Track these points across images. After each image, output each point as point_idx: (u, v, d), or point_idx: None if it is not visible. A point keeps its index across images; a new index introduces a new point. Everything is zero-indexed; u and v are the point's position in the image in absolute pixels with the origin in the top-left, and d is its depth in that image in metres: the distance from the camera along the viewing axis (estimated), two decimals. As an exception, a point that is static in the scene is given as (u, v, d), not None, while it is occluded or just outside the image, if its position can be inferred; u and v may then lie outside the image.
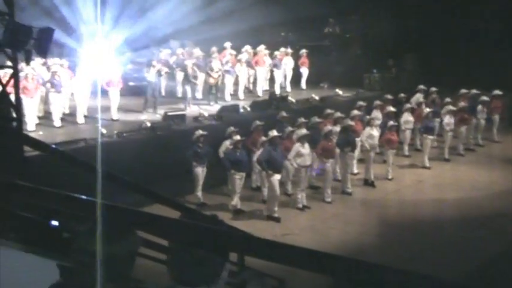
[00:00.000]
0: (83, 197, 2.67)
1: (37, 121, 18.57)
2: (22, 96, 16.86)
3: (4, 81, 12.61)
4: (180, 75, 23.73)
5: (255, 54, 25.32)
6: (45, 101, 20.17)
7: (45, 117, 19.74)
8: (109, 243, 2.51)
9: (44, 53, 12.69)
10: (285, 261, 2.28)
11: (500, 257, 13.03)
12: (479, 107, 21.95)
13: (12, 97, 13.03)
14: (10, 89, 13.08)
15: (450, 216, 16.00)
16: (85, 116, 19.64)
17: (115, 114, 19.95)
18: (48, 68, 20.14)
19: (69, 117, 19.99)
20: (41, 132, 17.57)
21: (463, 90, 22.76)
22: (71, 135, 17.25)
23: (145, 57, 24.02)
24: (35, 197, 3.38)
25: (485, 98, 22.19)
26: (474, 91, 22.69)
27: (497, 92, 22.66)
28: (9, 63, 13.36)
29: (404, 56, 29.07)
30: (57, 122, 18.82)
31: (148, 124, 17.84)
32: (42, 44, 12.17)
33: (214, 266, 2.55)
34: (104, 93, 19.79)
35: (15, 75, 12.81)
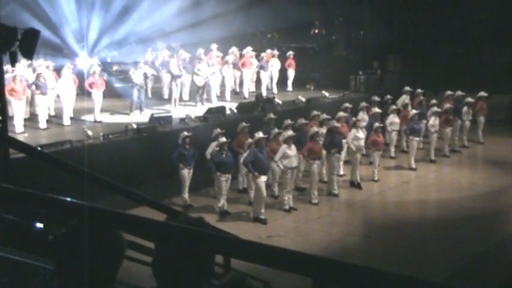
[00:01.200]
0: (68, 199, 2.67)
1: (22, 123, 18.51)
2: (10, 98, 16.83)
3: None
4: (166, 77, 23.73)
5: (241, 56, 25.36)
6: (30, 102, 20.10)
7: (31, 119, 19.68)
8: (94, 245, 2.52)
9: (29, 54, 12.59)
10: (270, 264, 2.30)
11: (482, 257, 13.13)
12: (465, 109, 22.09)
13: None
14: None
15: (434, 216, 16.11)
16: (71, 118, 19.61)
17: (98, 116, 19.93)
18: (34, 70, 20.06)
19: (54, 119, 19.94)
20: (26, 134, 17.52)
21: (448, 92, 22.92)
22: (57, 137, 17.18)
23: (131, 58, 24.03)
24: (19, 200, 3.38)
25: (470, 99, 22.33)
26: (459, 93, 22.84)
27: (482, 93, 22.84)
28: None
29: (389, 57, 29.21)
30: (42, 124, 18.76)
31: (134, 126, 17.80)
32: (27, 45, 12.10)
33: (200, 269, 2.56)
34: (88, 95, 19.84)
35: None
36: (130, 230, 2.69)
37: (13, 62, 12.90)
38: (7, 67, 16.13)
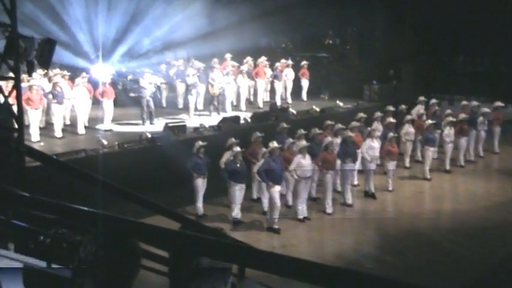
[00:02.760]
0: (84, 208, 2.69)
1: (38, 132, 18.61)
2: (27, 107, 16.95)
3: (6, 93, 12.64)
4: (180, 86, 23.82)
5: (255, 65, 25.40)
6: (46, 112, 20.25)
7: (46, 128, 19.80)
8: (110, 254, 2.52)
9: (46, 64, 12.73)
10: (285, 273, 2.30)
11: (498, 269, 13.03)
12: (480, 119, 21.96)
13: (14, 108, 13.07)
14: (12, 100, 13.13)
15: (449, 227, 16.01)
16: (85, 127, 19.74)
17: (108, 125, 20.05)
18: (50, 79, 20.21)
19: (69, 128, 20.05)
20: (42, 143, 17.63)
21: (464, 102, 22.79)
22: (72, 146, 17.28)
23: (145, 68, 24.12)
24: (34, 207, 3.41)
25: (486, 109, 22.21)
26: (475, 102, 22.72)
27: (498, 103, 22.69)
28: (11, 74, 13.41)
29: (403, 67, 29.13)
30: (58, 133, 18.87)
31: (149, 135, 17.86)
32: (44, 55, 12.21)
33: (216, 279, 2.56)
34: (99, 103, 20.03)
35: (17, 86, 12.84)
36: (146, 239, 2.70)
37: (30, 71, 13.04)
38: (23, 76, 16.25)
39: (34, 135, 17.86)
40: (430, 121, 20.40)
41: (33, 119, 18.04)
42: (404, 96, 26.07)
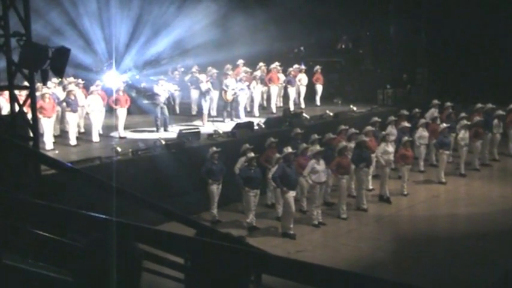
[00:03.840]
0: (99, 215, 2.70)
1: (53, 140, 18.71)
2: (40, 116, 17.01)
3: (21, 101, 12.73)
4: (194, 93, 23.90)
5: (268, 71, 25.43)
6: (60, 120, 20.36)
7: (61, 136, 19.91)
8: (112, 257, 2.51)
9: (60, 72, 12.79)
10: (302, 279, 2.29)
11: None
12: (495, 121, 21.84)
13: (29, 116, 13.15)
14: (27, 108, 13.22)
15: (464, 231, 15.89)
16: (100, 135, 19.82)
17: (122, 132, 20.13)
18: (64, 88, 20.33)
19: (84, 136, 20.14)
20: (56, 151, 17.72)
21: (478, 105, 22.66)
22: (86, 153, 17.35)
23: (159, 75, 24.21)
24: (48, 215, 3.42)
25: (500, 112, 22.08)
26: (489, 105, 22.59)
27: (513, 106, 22.56)
28: (26, 83, 13.51)
29: (417, 71, 29.07)
30: (72, 141, 18.95)
31: (163, 142, 17.91)
32: (58, 63, 12.28)
33: (233, 286, 2.55)
34: (112, 111, 20.13)
35: (31, 95, 12.92)
36: (162, 246, 2.70)
37: (44, 80, 13.12)
38: (38, 85, 16.35)
39: (48, 143, 17.95)
40: (444, 124, 20.31)
41: (47, 127, 18.11)
42: (418, 100, 26.01)
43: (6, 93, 13.64)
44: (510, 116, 22.40)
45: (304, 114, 22.70)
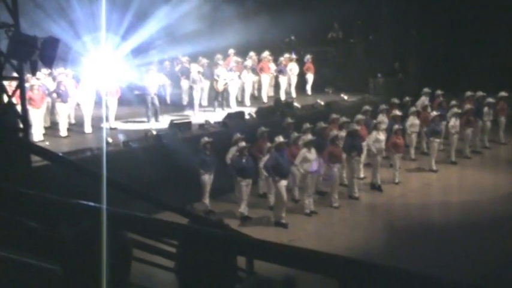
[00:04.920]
0: (91, 203, 2.68)
1: (43, 131, 18.62)
2: (28, 107, 16.91)
3: (10, 92, 12.67)
4: (185, 83, 23.82)
5: (259, 60, 25.38)
6: (51, 111, 20.25)
7: (52, 128, 19.82)
8: (100, 246, 2.49)
9: (49, 63, 12.73)
10: (296, 264, 2.29)
11: (507, 260, 12.97)
12: (486, 109, 21.91)
13: (19, 108, 13.09)
14: (16, 99, 13.16)
15: (457, 219, 15.97)
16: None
17: (113, 123, 20.06)
18: (54, 78, 20.21)
19: (74, 127, 20.06)
20: (47, 143, 17.61)
21: (469, 93, 22.72)
22: (77, 144, 17.27)
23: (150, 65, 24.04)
24: (40, 205, 3.40)
25: (491, 99, 22.14)
26: (480, 93, 22.64)
27: (503, 93, 22.64)
28: (15, 74, 13.44)
29: (408, 59, 29.08)
30: (63, 132, 18.87)
31: (154, 132, 17.86)
32: (47, 54, 12.21)
33: (223, 273, 2.54)
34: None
35: (21, 86, 12.86)
36: (153, 233, 2.68)
37: (33, 70, 13.05)
38: (28, 76, 16.26)
39: (36, 135, 17.79)
40: (435, 112, 20.36)
41: (36, 118, 18.01)
42: (409, 89, 26.03)
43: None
44: (500, 104, 22.48)
45: (295, 104, 22.70)
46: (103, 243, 2.46)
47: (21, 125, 12.71)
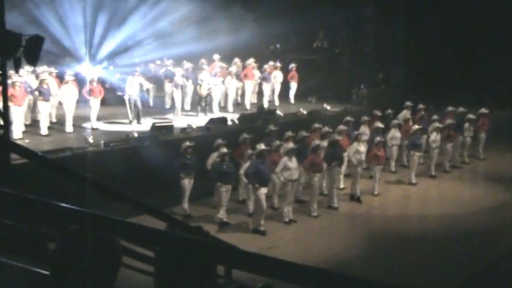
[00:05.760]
0: (70, 205, 2.66)
1: (24, 129, 18.50)
2: (10, 104, 16.77)
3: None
4: (168, 86, 23.76)
5: (244, 67, 25.41)
6: (32, 109, 20.12)
7: (32, 125, 19.68)
8: (91, 251, 2.49)
9: (33, 61, 12.65)
10: (271, 274, 2.30)
11: (483, 273, 13.09)
12: (466, 125, 22.08)
13: (0, 104, 12.99)
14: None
15: (435, 231, 16.07)
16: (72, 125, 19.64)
17: (94, 123, 19.98)
18: (37, 76, 20.08)
19: (56, 126, 19.94)
20: (27, 140, 17.49)
21: (450, 108, 22.90)
22: (58, 143, 17.18)
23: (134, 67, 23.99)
24: (19, 205, 3.38)
25: (471, 116, 22.33)
26: (461, 109, 22.83)
27: (483, 110, 22.84)
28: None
29: (392, 71, 29.27)
30: (44, 131, 18.76)
31: (136, 134, 17.81)
32: (31, 52, 12.14)
33: (202, 279, 2.54)
34: (85, 102, 19.94)
35: (3, 83, 12.75)
36: (131, 238, 2.68)
37: (17, 68, 12.96)
38: (10, 73, 16.13)
39: (16, 132, 17.64)
40: (416, 126, 20.48)
41: (17, 115, 17.87)
42: (392, 101, 26.19)
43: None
44: (481, 120, 22.66)
45: (278, 112, 22.75)
46: (91, 247, 2.46)
47: (1, 122, 12.60)
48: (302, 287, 2.20)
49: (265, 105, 24.67)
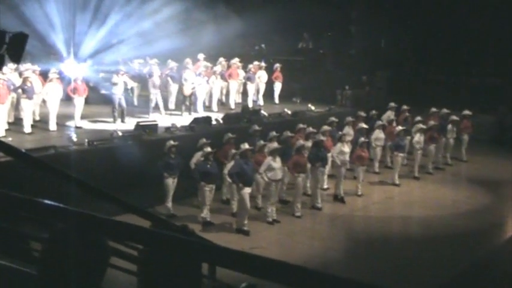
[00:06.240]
0: (55, 203, 2.65)
1: (7, 127, 18.37)
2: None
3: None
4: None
5: (228, 67, 25.40)
6: (15, 107, 19.98)
7: (15, 124, 19.55)
8: (78, 251, 2.48)
9: (17, 58, 12.55)
10: (255, 272, 2.30)
11: (464, 274, 13.18)
12: (449, 126, 22.21)
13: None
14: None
15: (417, 233, 16.18)
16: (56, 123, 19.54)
17: (78, 122, 19.90)
18: (20, 74, 19.95)
19: (39, 124, 19.83)
20: (10, 139, 17.37)
21: (434, 109, 23.02)
22: (41, 142, 17.10)
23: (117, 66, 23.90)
24: (2, 203, 3.36)
25: (455, 117, 22.46)
26: (444, 110, 22.96)
27: (467, 112, 23.00)
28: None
29: (377, 73, 29.39)
30: (27, 129, 18.65)
31: (120, 133, 17.75)
32: (15, 49, 12.05)
33: (186, 279, 2.54)
34: (69, 100, 19.86)
35: (-14, 80, 12.68)
36: (115, 236, 2.67)
37: (0, 65, 12.86)
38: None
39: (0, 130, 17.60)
40: (400, 127, 20.57)
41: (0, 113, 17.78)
42: (376, 102, 26.30)
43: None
44: (464, 122, 22.82)
45: (262, 112, 22.76)
46: (78, 247, 2.45)
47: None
48: (286, 286, 2.21)
49: (250, 105, 24.69)
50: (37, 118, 20.34)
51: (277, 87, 26.75)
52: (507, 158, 22.42)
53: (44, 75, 20.41)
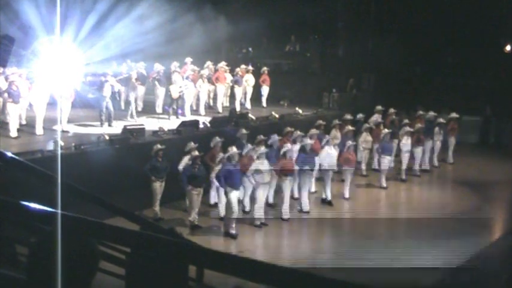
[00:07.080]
0: (42, 207, 2.65)
1: (-8, 131, 18.29)
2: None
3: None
4: (140, 89, 23.68)
5: (215, 70, 25.39)
6: (1, 110, 19.87)
7: (1, 128, 19.44)
8: (67, 255, 2.48)
9: (3, 62, 12.50)
10: (242, 274, 2.31)
11: (451, 276, 13.23)
12: (436, 129, 22.31)
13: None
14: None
15: (404, 235, 16.19)
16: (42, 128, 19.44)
17: (65, 126, 19.81)
18: (6, 78, 19.84)
19: (25, 128, 19.73)
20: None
21: (420, 112, 23.13)
22: (28, 146, 17.01)
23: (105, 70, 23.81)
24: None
25: (442, 120, 22.57)
26: (431, 113, 23.06)
27: (454, 114, 23.11)
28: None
29: (363, 76, 29.49)
30: (13, 133, 18.54)
31: (107, 137, 17.70)
32: (1, 53, 12.00)
33: (173, 281, 2.54)
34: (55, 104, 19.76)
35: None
36: (103, 239, 2.67)
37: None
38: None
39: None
40: (387, 130, 20.64)
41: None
42: (363, 105, 26.38)
43: None
44: (450, 125, 22.93)
45: (250, 115, 22.76)
46: (65, 250, 2.44)
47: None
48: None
49: (237, 108, 24.69)
50: (23, 122, 20.23)
51: (265, 90, 26.76)
52: (493, 160, 22.56)
53: (31, 79, 20.29)
